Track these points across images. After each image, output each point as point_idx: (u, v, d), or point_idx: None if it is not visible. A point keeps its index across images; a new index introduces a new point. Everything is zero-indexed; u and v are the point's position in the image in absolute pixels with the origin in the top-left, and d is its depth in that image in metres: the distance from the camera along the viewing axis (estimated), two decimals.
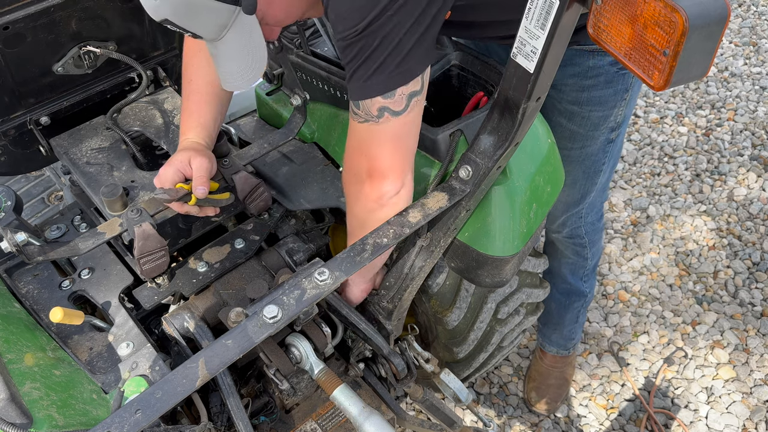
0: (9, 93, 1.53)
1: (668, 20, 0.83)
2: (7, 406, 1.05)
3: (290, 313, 1.11)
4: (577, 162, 1.79)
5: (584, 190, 1.88)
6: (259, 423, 1.51)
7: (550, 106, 1.69)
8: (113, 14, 1.57)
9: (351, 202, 1.37)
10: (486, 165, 1.25)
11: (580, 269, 2.17)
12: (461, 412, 2.44)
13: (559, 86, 1.63)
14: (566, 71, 1.59)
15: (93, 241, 1.39)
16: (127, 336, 1.41)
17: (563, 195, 1.86)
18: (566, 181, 1.82)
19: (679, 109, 3.76)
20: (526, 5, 0.98)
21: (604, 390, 2.59)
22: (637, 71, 0.91)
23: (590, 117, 1.67)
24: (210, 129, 1.49)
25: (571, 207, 1.94)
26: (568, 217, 1.98)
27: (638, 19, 0.87)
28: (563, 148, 1.75)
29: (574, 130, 1.71)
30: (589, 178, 1.85)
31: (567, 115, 1.69)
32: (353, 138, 1.27)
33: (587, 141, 1.74)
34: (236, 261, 1.54)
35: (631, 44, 0.90)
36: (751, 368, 2.62)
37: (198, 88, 1.48)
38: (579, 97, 1.64)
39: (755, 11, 4.46)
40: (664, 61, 0.86)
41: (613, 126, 1.72)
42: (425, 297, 1.68)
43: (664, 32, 0.84)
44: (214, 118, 1.50)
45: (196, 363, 1.04)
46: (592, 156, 1.78)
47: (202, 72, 1.48)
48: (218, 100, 1.50)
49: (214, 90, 1.48)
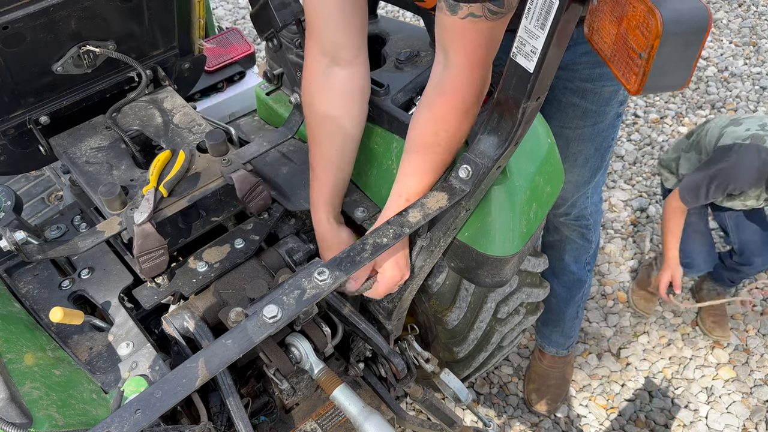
0: (8, 92, 1.53)
1: (646, 22, 0.82)
2: (7, 405, 1.05)
3: (290, 312, 1.11)
4: (590, 139, 1.83)
5: (595, 167, 1.93)
6: (258, 423, 1.51)
7: (561, 87, 1.72)
8: (113, 14, 1.57)
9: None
10: (486, 165, 1.25)
11: (583, 254, 2.20)
12: (461, 412, 2.44)
13: (571, 66, 1.66)
14: (577, 50, 1.62)
15: (92, 239, 1.38)
16: (126, 336, 1.41)
17: (574, 176, 1.91)
18: (578, 161, 1.87)
19: (679, 109, 3.76)
20: (526, 5, 0.98)
21: (604, 390, 2.59)
22: (617, 74, 0.91)
23: (602, 92, 1.71)
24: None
25: (581, 187, 1.98)
26: (578, 197, 2.02)
27: (623, 20, 0.87)
28: (576, 128, 1.79)
29: (587, 107, 1.75)
30: (600, 155, 1.89)
31: (580, 93, 1.72)
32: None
33: (599, 117, 1.78)
34: (236, 261, 1.54)
35: (615, 46, 0.90)
36: (751, 368, 2.62)
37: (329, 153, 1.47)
38: (592, 74, 1.68)
39: (755, 11, 4.46)
40: (639, 64, 0.86)
41: (621, 99, 1.77)
42: (425, 297, 1.68)
43: (642, 35, 0.84)
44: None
45: (195, 363, 1.04)
46: (604, 132, 1.83)
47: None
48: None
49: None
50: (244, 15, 4.57)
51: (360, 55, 1.39)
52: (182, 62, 1.84)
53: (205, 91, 2.36)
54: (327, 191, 1.50)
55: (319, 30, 1.35)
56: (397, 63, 1.59)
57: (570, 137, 1.81)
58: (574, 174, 1.89)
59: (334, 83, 1.40)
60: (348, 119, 1.43)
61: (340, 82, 1.40)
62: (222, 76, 2.37)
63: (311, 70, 1.41)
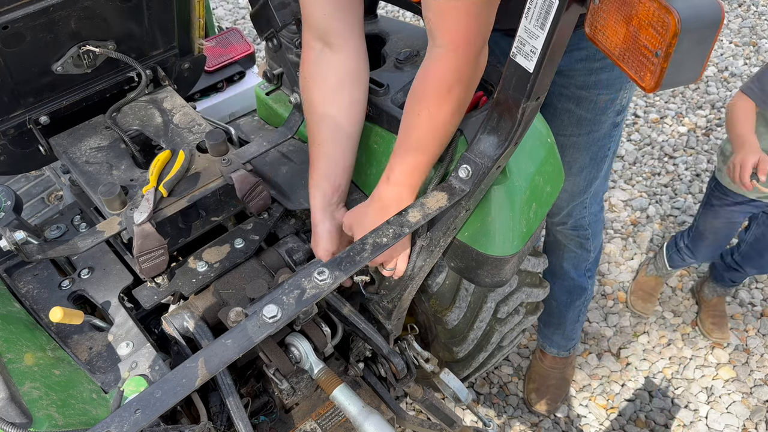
0: (8, 92, 1.53)
1: (661, 21, 0.82)
2: (6, 405, 1.05)
3: (290, 312, 1.11)
4: (585, 148, 1.82)
5: (590, 177, 1.90)
6: (258, 422, 1.51)
7: (557, 93, 1.71)
8: (113, 14, 1.57)
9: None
10: (485, 165, 1.25)
11: (582, 263, 2.18)
12: (461, 411, 2.44)
13: (567, 72, 1.65)
14: (574, 56, 1.61)
15: (92, 239, 1.38)
16: (126, 335, 1.41)
17: (569, 184, 1.88)
18: (572, 169, 1.84)
19: (679, 109, 3.76)
20: (526, 4, 0.98)
21: (604, 390, 2.59)
22: (629, 72, 0.91)
23: (598, 101, 1.70)
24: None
25: (576, 196, 1.95)
26: (573, 207, 1.99)
27: (633, 19, 0.87)
28: (571, 135, 1.77)
29: (582, 115, 1.73)
30: (596, 165, 1.87)
31: (575, 100, 1.70)
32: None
33: (594, 126, 1.76)
34: (236, 261, 1.54)
35: (625, 45, 0.90)
36: (751, 368, 2.62)
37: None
38: (587, 81, 1.66)
39: (755, 11, 4.46)
40: (655, 63, 0.86)
41: (618, 109, 1.75)
42: (425, 296, 1.68)
43: (657, 33, 0.84)
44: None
45: (195, 362, 1.04)
46: (599, 141, 1.81)
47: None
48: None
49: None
50: (244, 15, 4.57)
51: (351, 40, 1.40)
52: (182, 62, 1.84)
53: (205, 91, 2.36)
54: (318, 177, 1.49)
55: (310, 15, 1.37)
56: (397, 63, 1.59)
57: (565, 145, 1.79)
58: (568, 183, 1.87)
59: (326, 68, 1.41)
60: (341, 106, 1.44)
61: (331, 67, 1.41)
62: (222, 76, 2.38)
63: (306, 56, 1.44)
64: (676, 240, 2.74)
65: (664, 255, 2.79)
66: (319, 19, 1.36)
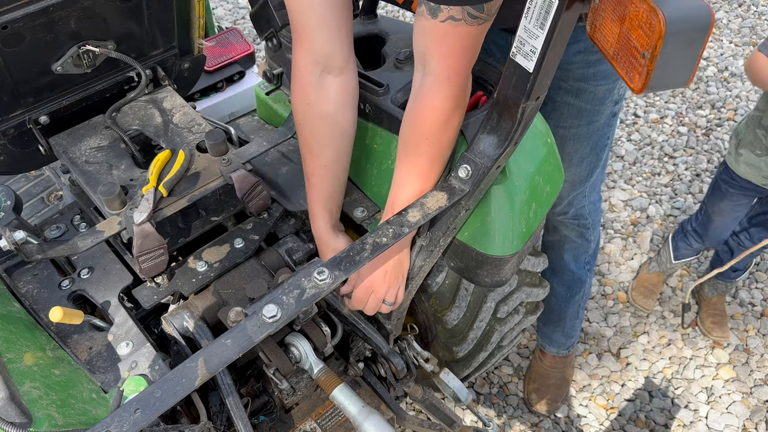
0: (8, 92, 1.53)
1: (649, 22, 0.82)
2: (6, 405, 1.05)
3: (290, 312, 1.11)
4: (585, 139, 1.84)
5: (591, 166, 1.93)
6: (258, 422, 1.51)
7: (555, 86, 1.72)
8: (112, 13, 1.57)
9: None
10: (485, 165, 1.25)
11: (582, 254, 2.20)
12: (461, 411, 2.44)
13: (565, 65, 1.66)
14: (571, 49, 1.61)
15: (92, 239, 1.38)
16: (126, 335, 1.41)
17: (571, 175, 1.91)
18: (573, 160, 1.87)
19: (679, 109, 3.76)
20: (526, 4, 0.98)
21: (604, 390, 2.59)
22: (621, 72, 0.91)
23: (596, 91, 1.71)
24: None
25: (578, 186, 1.98)
26: (574, 196, 2.02)
27: (626, 20, 0.87)
28: (571, 127, 1.79)
29: (581, 106, 1.75)
30: (596, 154, 1.90)
31: (574, 92, 1.72)
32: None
33: (594, 116, 1.78)
34: (236, 260, 1.54)
35: (618, 44, 0.90)
36: (751, 368, 2.62)
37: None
38: (586, 73, 1.67)
39: (755, 11, 4.46)
40: (643, 64, 0.86)
41: (616, 98, 1.77)
42: (425, 296, 1.68)
43: (645, 34, 0.84)
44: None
45: (195, 362, 1.04)
46: (599, 131, 1.83)
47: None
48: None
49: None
50: (244, 15, 4.57)
51: (350, 61, 1.39)
52: (182, 62, 1.84)
53: (204, 91, 2.36)
54: (324, 199, 1.49)
55: (309, 38, 1.32)
56: (397, 62, 1.59)
57: (565, 136, 1.81)
58: (570, 173, 1.90)
59: (328, 92, 1.39)
60: (343, 127, 1.43)
61: (334, 90, 1.39)
62: (222, 76, 2.38)
63: (304, 80, 1.39)
64: (683, 225, 2.76)
65: (669, 245, 2.80)
66: (324, 45, 1.33)
